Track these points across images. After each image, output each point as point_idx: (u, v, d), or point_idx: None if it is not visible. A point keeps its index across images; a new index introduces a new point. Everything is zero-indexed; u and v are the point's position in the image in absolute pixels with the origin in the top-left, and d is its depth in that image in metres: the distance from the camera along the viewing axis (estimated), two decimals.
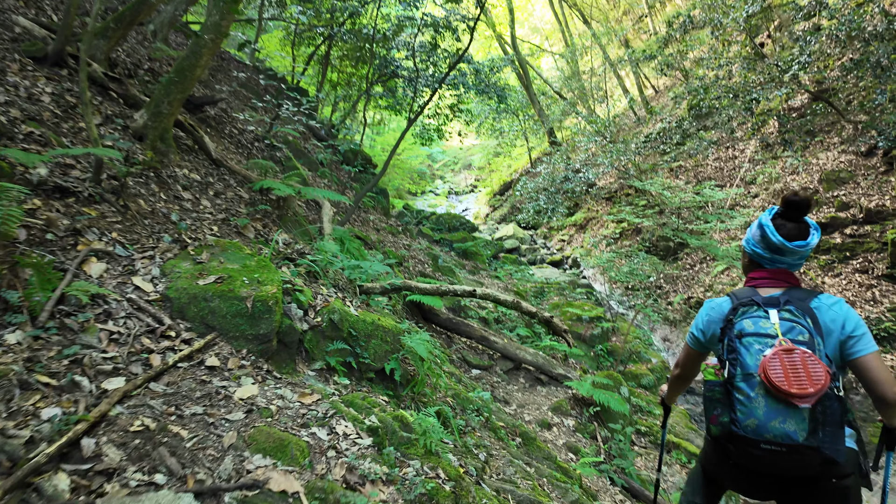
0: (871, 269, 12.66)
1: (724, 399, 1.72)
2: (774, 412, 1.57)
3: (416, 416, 2.50)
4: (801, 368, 1.55)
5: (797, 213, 1.83)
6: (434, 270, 11.20)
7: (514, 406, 6.64)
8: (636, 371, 11.33)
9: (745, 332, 1.69)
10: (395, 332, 3.55)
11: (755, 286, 1.89)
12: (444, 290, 4.46)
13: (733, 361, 1.70)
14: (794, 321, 1.67)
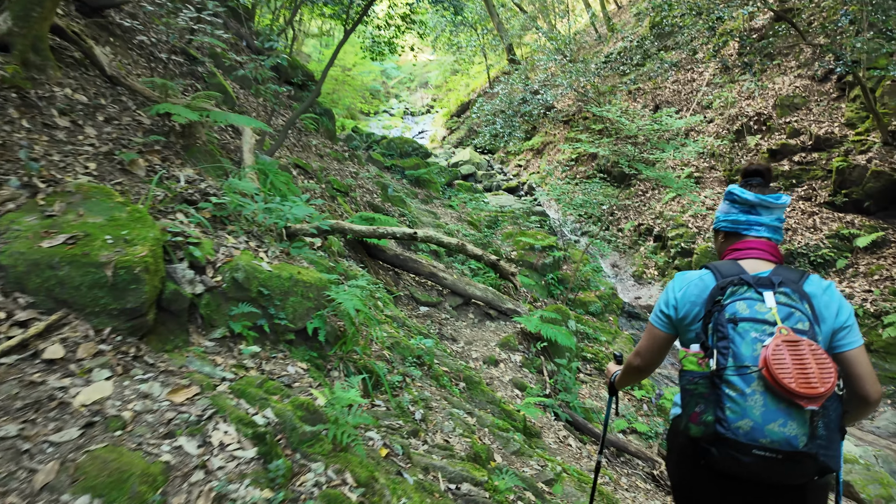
0: (814, 196, 12.94)
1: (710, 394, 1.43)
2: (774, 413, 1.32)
3: (332, 395, 2.15)
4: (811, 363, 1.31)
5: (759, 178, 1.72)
6: (383, 201, 10.66)
7: (462, 343, 6.49)
8: (585, 299, 11.47)
9: (740, 316, 1.42)
10: (320, 285, 3.13)
11: (737, 258, 1.64)
12: (381, 232, 4.03)
13: (724, 350, 1.42)
14: (791, 306, 1.42)
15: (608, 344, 10.21)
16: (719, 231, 1.79)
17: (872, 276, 10.59)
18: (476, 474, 2.43)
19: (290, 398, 2.03)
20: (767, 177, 1.71)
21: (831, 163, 12.74)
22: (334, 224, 4.13)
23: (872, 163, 11.90)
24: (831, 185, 12.58)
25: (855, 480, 6.52)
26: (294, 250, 3.35)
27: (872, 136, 12.44)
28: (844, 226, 11.73)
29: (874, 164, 11.86)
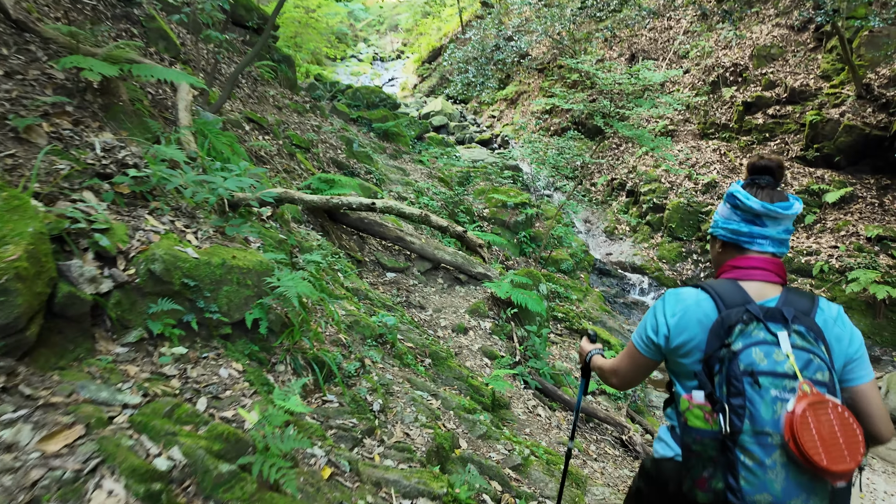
0: (787, 150, 12.86)
1: (720, 458, 1.22)
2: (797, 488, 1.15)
3: (265, 412, 1.84)
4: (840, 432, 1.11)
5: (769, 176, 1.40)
6: (348, 157, 10.11)
7: (431, 311, 6.25)
8: (556, 257, 11.34)
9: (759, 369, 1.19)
10: (260, 270, 2.77)
11: (738, 278, 1.38)
12: (335, 202, 3.63)
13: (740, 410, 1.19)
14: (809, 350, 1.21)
15: (579, 302, 10.17)
16: (717, 239, 1.51)
17: (839, 231, 10.69)
18: (434, 486, 2.21)
19: (207, 426, 1.72)
20: (779, 175, 1.41)
21: (805, 116, 12.61)
22: (282, 194, 3.71)
23: (845, 116, 11.80)
24: (804, 139, 12.50)
25: None
26: (230, 229, 2.96)
27: (847, 89, 12.29)
28: (815, 181, 11.73)
29: (847, 117, 11.77)
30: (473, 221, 11.18)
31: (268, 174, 5.93)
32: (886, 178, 11.37)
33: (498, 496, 3.00)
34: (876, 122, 11.41)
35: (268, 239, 3.84)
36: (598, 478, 4.24)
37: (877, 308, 9.31)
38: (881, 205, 10.93)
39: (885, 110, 11.47)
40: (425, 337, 4.96)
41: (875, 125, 11.39)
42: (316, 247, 4.61)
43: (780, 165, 1.41)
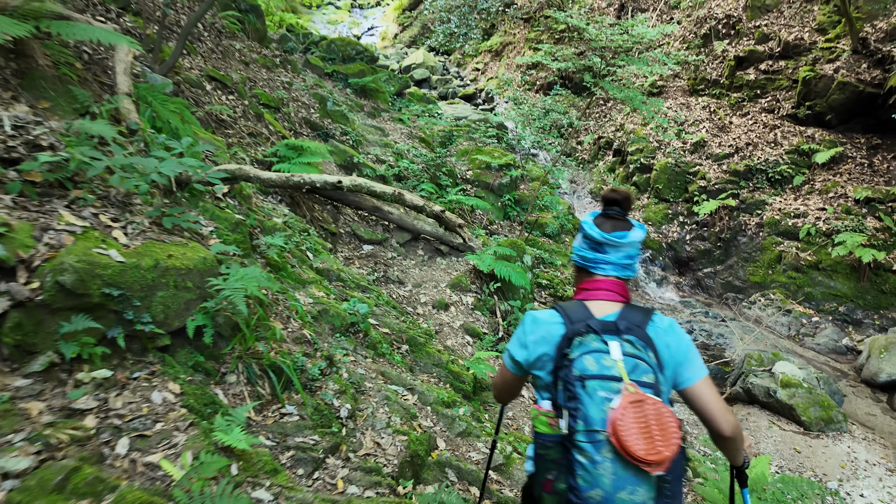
0: (777, 108, 12.50)
1: (562, 460, 1.34)
2: (623, 481, 1.26)
3: (195, 462, 1.53)
4: (656, 426, 1.24)
5: (616, 207, 1.57)
6: (322, 117, 9.52)
7: (410, 286, 5.95)
8: (541, 220, 11.04)
9: (588, 373, 1.33)
10: (202, 268, 2.41)
11: (584, 299, 1.53)
12: (295, 182, 3.21)
13: (574, 412, 1.32)
14: (637, 356, 1.35)
15: (563, 268, 9.95)
16: (574, 264, 1.64)
17: (827, 193, 10.51)
18: None
19: (114, 493, 1.41)
20: (626, 206, 1.58)
21: (798, 72, 12.18)
22: (236, 171, 3.28)
23: (839, 73, 11.41)
24: (795, 96, 12.12)
25: (797, 404, 6.67)
26: (169, 219, 2.56)
27: (842, 44, 11.84)
28: (805, 140, 11.45)
29: (841, 73, 11.38)
30: (456, 184, 10.76)
31: (227, 143, 5.44)
32: (877, 138, 11.12)
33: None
34: (870, 79, 11.05)
35: (222, 222, 3.45)
36: None
37: (861, 271, 9.25)
38: (870, 165, 10.72)
39: (881, 66, 11.09)
40: (403, 319, 4.67)
41: (869, 82, 11.03)
42: (281, 225, 4.22)
43: (628, 198, 1.57)
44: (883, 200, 9.81)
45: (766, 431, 6.46)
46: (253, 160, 5.76)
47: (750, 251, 10.64)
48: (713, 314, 9.86)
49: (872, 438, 6.40)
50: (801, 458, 5.92)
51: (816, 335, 8.98)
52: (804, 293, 9.64)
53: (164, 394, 2.04)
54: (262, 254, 3.66)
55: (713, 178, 11.66)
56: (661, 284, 11.14)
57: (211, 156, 4.27)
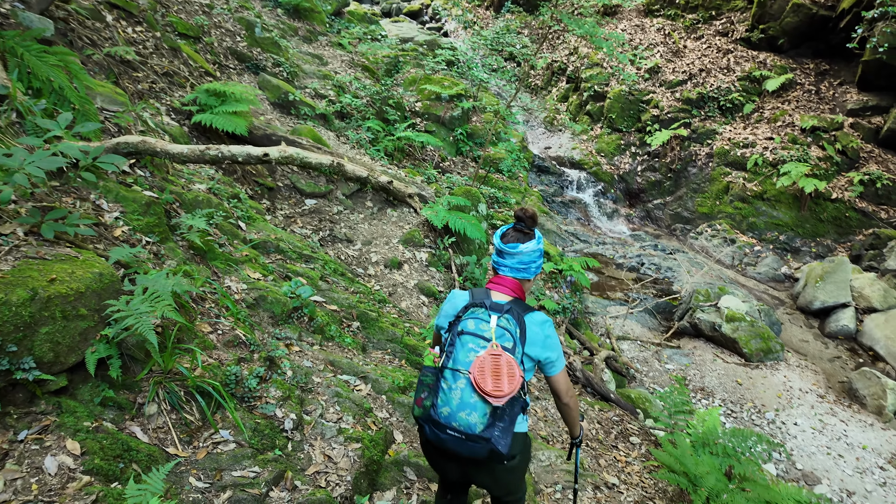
0: (732, 31, 12.20)
1: (433, 385, 1.81)
2: (465, 405, 1.72)
3: None
4: (502, 372, 1.71)
5: (521, 223, 2.01)
6: (251, 45, 8.49)
7: (359, 244, 5.58)
8: (495, 156, 10.64)
9: (466, 330, 1.83)
10: (99, 288, 2.00)
11: (491, 288, 2.01)
12: (212, 154, 2.69)
13: (449, 353, 1.81)
14: (506, 329, 1.82)
15: (518, 206, 9.75)
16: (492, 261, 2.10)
17: (776, 122, 10.55)
18: None
19: None
20: (529, 223, 2.01)
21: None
22: (138, 145, 2.70)
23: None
24: (750, 18, 11.82)
25: (740, 337, 6.97)
26: (48, 227, 2.08)
27: None
28: (757, 66, 11.30)
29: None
30: (405, 118, 10.10)
31: (136, 92, 4.68)
32: (825, 63, 11.11)
33: None
34: (823, 1, 10.83)
35: (130, 203, 2.94)
36: (542, 427, 4.07)
37: (802, 201, 9.52)
38: (817, 92, 10.77)
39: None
40: (353, 290, 4.35)
41: (822, 4, 10.82)
42: (205, 194, 3.69)
43: (532, 216, 2.01)
44: (827, 129, 9.95)
45: (711, 365, 6.75)
46: (169, 109, 5.03)
47: (699, 182, 10.72)
48: (662, 247, 10.04)
49: (805, 365, 6.81)
50: (742, 391, 6.24)
51: (758, 264, 9.33)
52: (748, 223, 9.90)
53: (61, 458, 1.70)
54: (183, 236, 3.19)
55: (666, 106, 11.47)
56: (612, 217, 11.19)
57: (112, 117, 3.61)
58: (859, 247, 8.98)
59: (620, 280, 8.84)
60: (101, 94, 3.73)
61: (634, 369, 6.59)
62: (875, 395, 5.96)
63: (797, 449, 5.28)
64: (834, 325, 7.52)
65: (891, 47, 9.28)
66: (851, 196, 9.25)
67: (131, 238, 2.78)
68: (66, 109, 3.07)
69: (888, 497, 4.74)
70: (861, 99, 10.15)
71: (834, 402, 6.05)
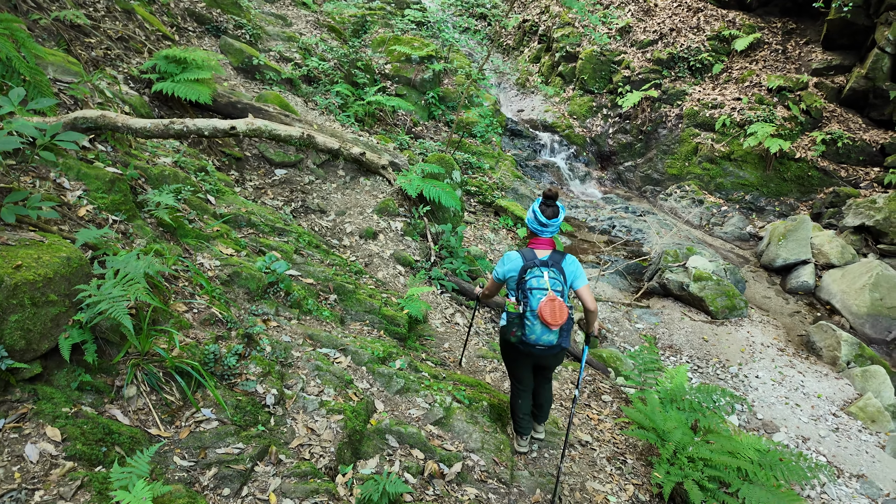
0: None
1: (519, 322, 2.88)
2: (543, 331, 2.84)
3: None
4: (558, 311, 2.77)
5: (552, 200, 2.87)
6: (210, 6, 8.08)
7: (333, 215, 5.52)
8: (467, 119, 10.52)
9: (533, 287, 2.83)
10: (68, 272, 1.95)
11: (533, 247, 2.94)
12: (177, 129, 2.59)
13: (525, 303, 2.84)
14: (555, 279, 2.85)
15: (492, 172, 9.72)
16: (527, 228, 2.99)
17: (744, 82, 10.66)
18: None
19: None
20: (556, 198, 2.88)
21: None
22: (97, 120, 2.56)
23: None
24: None
25: (706, 296, 7.23)
26: (7, 211, 2.00)
27: None
28: (726, 25, 11.32)
29: None
30: (375, 82, 9.84)
31: (90, 59, 4.43)
32: (792, 22, 11.19)
33: (421, 466, 2.76)
34: None
35: (92, 181, 2.84)
36: None
37: (768, 160, 9.75)
38: (784, 52, 10.88)
39: None
40: (328, 262, 4.33)
41: None
42: (171, 168, 3.58)
43: (557, 194, 2.87)
44: (793, 89, 10.11)
45: (679, 323, 7.01)
46: (127, 78, 4.80)
47: (669, 143, 10.85)
48: (633, 209, 10.21)
49: (767, 321, 7.14)
50: (708, 347, 6.52)
51: (724, 224, 9.59)
52: (716, 184, 10.12)
53: (42, 445, 1.69)
54: (151, 213, 3.11)
55: (637, 67, 11.45)
56: (585, 180, 11.28)
57: (66, 88, 3.42)
58: (820, 205, 9.30)
59: (592, 243, 9.00)
60: (52, 63, 3.53)
61: (606, 329, 6.80)
62: (830, 346, 6.31)
63: (758, 400, 5.59)
64: (795, 282, 7.86)
65: (855, 6, 9.39)
66: (814, 155, 9.51)
67: (97, 218, 2.70)
68: (16, 82, 2.91)
69: (840, 441, 5.09)
70: (825, 58, 10.31)
71: (793, 355, 6.39)
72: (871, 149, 9.38)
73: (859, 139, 9.44)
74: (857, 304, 7.06)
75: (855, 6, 9.35)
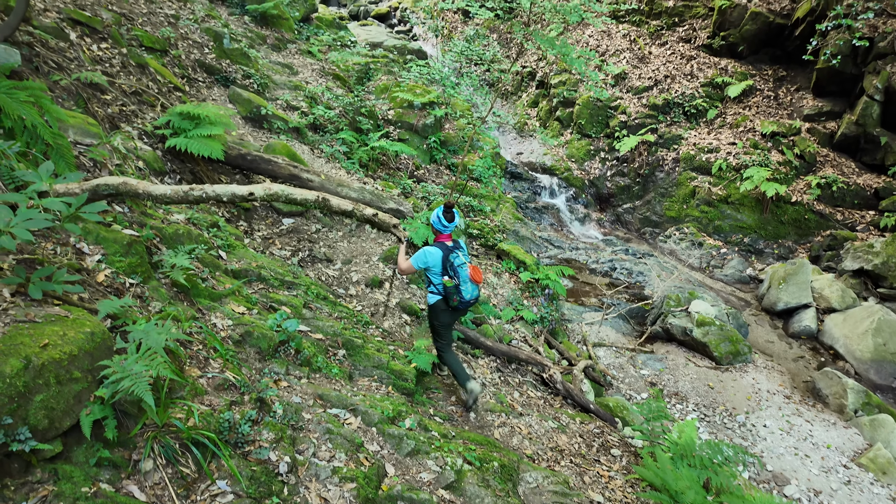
0: (694, 37, 12.57)
1: (456, 290, 3.93)
2: (473, 288, 4.00)
3: None
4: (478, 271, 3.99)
5: (450, 209, 3.96)
6: (219, 57, 8.34)
7: (339, 264, 5.57)
8: (469, 162, 10.72)
9: (457, 263, 3.94)
10: (91, 348, 1.97)
11: (443, 241, 4.03)
12: (196, 195, 2.67)
13: (455, 275, 3.93)
14: (465, 255, 4.05)
15: (493, 214, 9.84)
16: (433, 228, 4.09)
17: (738, 127, 10.94)
18: None
19: None
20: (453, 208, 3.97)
21: (714, 0, 12.20)
22: (119, 187, 2.63)
23: (752, 2, 11.54)
24: (711, 25, 12.21)
25: (710, 341, 7.23)
26: (35, 287, 2.04)
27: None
28: (719, 73, 11.69)
29: (754, 3, 11.51)
30: (378, 127, 10.08)
31: (106, 116, 4.55)
32: (782, 70, 11.57)
33: None
34: (780, 10, 11.28)
35: (111, 244, 2.89)
36: (528, 445, 4.16)
37: (764, 204, 9.90)
38: (776, 98, 11.21)
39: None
40: (337, 315, 4.35)
41: (779, 12, 11.27)
42: (184, 226, 3.64)
43: (453, 205, 3.98)
44: (786, 134, 10.37)
45: (684, 369, 6.99)
46: (141, 133, 4.92)
47: (667, 186, 11.04)
48: (633, 251, 10.30)
49: (772, 366, 7.12)
50: (714, 394, 6.48)
51: (724, 266, 9.67)
52: (714, 226, 10.26)
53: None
54: (166, 274, 3.15)
55: (633, 112, 11.75)
56: (584, 222, 11.42)
57: (86, 151, 3.52)
58: (818, 248, 9.41)
59: (594, 286, 9.04)
60: (73, 125, 3.63)
61: (611, 376, 6.76)
62: (836, 394, 6.28)
63: (767, 451, 5.53)
64: (797, 326, 7.88)
65: (843, 56, 9.74)
66: (810, 199, 9.68)
67: (115, 282, 2.73)
68: (40, 149, 2.99)
69: (853, 494, 5.01)
70: (816, 105, 10.62)
71: (799, 403, 6.35)
72: (865, 192, 9.56)
73: (853, 183, 9.63)
74: (860, 350, 7.06)
75: (843, 56, 9.70)
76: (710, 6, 12.44)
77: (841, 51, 9.69)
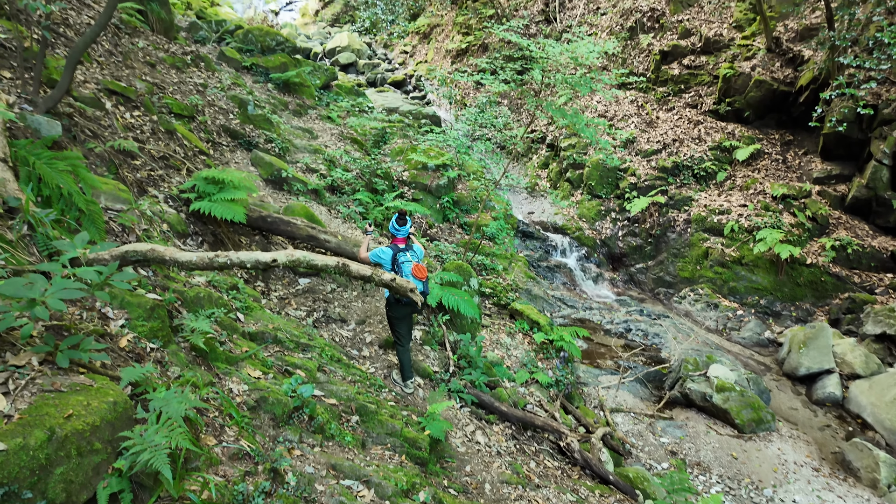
0: (700, 103, 12.95)
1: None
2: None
3: None
4: (422, 269, 4.54)
5: (403, 216, 4.67)
6: (243, 122, 8.72)
7: (353, 324, 5.57)
8: (481, 221, 10.87)
9: (403, 260, 4.54)
10: (112, 418, 1.97)
11: (397, 244, 4.67)
12: (221, 262, 2.75)
13: (399, 271, 4.52)
14: (412, 254, 4.64)
15: (505, 273, 9.87)
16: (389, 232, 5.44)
17: (748, 189, 11.05)
18: None
19: None
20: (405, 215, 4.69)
21: (718, 69, 12.65)
22: (147, 254, 2.74)
23: (756, 70, 11.95)
24: (717, 92, 12.61)
25: (731, 407, 7.00)
26: (63, 356, 2.07)
27: (758, 41, 12.39)
28: (726, 137, 11.95)
29: (757, 72, 11.92)
30: (393, 188, 10.34)
31: (135, 180, 4.74)
32: (789, 134, 11.81)
33: None
34: (783, 77, 11.66)
35: (134, 309, 2.93)
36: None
37: (779, 266, 9.84)
38: (784, 161, 11.38)
39: (792, 65, 11.71)
40: (351, 379, 4.31)
41: (782, 80, 11.64)
42: (205, 289, 3.71)
43: (406, 213, 4.74)
44: (797, 196, 10.45)
45: (705, 437, 6.73)
46: (167, 197, 5.10)
47: (679, 247, 11.05)
48: (648, 312, 10.19)
49: (797, 435, 6.84)
50: (738, 465, 6.21)
51: (742, 329, 9.50)
52: (729, 287, 10.16)
53: None
54: (186, 338, 3.17)
55: (643, 174, 11.96)
56: (597, 281, 11.38)
57: (116, 216, 3.65)
58: (837, 311, 9.25)
59: (609, 347, 8.90)
60: (104, 192, 3.79)
61: (630, 444, 6.53)
62: (868, 467, 5.99)
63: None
64: (821, 392, 7.63)
65: (848, 122, 9.95)
66: (825, 261, 9.62)
67: (136, 346, 2.76)
68: (74, 215, 3.11)
69: None
70: (825, 168, 10.75)
71: (829, 476, 6.05)
72: (881, 255, 9.49)
73: (868, 245, 9.58)
74: (889, 419, 6.79)
75: (848, 122, 9.90)
76: (715, 74, 12.89)
77: (846, 118, 9.90)
